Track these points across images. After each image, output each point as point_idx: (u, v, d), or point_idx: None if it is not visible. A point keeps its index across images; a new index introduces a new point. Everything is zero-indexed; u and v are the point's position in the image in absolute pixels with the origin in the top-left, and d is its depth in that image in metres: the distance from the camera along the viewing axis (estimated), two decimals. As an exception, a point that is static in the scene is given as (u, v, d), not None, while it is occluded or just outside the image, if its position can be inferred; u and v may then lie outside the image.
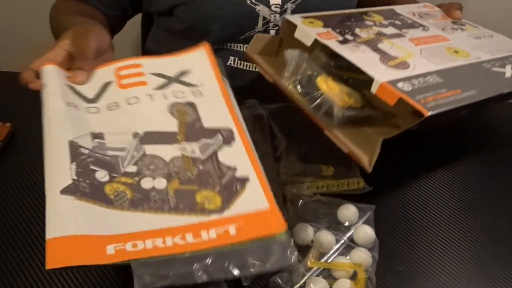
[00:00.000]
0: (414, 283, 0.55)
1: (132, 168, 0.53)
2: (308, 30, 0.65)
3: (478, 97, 0.57)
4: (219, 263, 0.48)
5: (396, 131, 0.57)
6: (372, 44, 0.64)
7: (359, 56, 0.61)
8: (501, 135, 0.77)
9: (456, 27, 0.76)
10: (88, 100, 0.60)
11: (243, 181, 0.53)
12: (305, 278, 0.53)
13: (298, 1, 0.77)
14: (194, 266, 0.47)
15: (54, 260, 0.45)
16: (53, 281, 0.51)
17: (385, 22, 0.72)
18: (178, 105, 0.59)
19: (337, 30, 0.66)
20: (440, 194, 0.66)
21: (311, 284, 0.52)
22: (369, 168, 0.56)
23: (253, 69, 0.83)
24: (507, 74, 0.64)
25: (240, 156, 0.55)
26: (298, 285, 0.52)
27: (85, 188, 0.50)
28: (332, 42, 0.63)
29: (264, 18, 0.77)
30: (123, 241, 0.47)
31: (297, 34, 0.65)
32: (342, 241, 0.56)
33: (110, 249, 0.47)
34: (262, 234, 0.49)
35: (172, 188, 0.52)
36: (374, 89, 0.56)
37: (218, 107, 0.60)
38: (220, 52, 0.82)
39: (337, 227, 0.58)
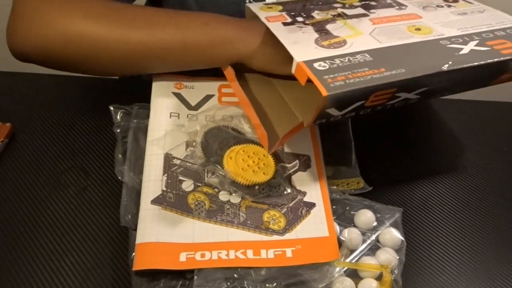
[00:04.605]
0: (413, 282, 0.55)
1: (215, 180, 0.58)
2: (261, 15, 0.64)
3: (404, 76, 0.52)
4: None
5: (312, 115, 0.54)
6: (320, 25, 0.62)
7: (293, 37, 0.59)
8: (501, 135, 0.77)
9: (443, 4, 0.72)
10: (190, 107, 0.65)
11: (310, 206, 0.57)
12: (332, 277, 0.52)
13: None
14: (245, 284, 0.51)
15: (138, 263, 0.51)
16: (53, 281, 0.51)
17: (357, 4, 0.69)
18: None
19: (292, 13, 0.65)
20: (440, 194, 0.66)
21: (337, 284, 0.51)
22: (269, 151, 0.57)
23: None
24: (464, 51, 0.58)
25: (312, 183, 0.60)
26: (324, 283, 0.51)
27: (171, 198, 0.56)
28: (276, 24, 0.61)
29: None
30: (194, 250, 0.52)
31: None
32: (369, 241, 0.56)
33: (183, 257, 0.52)
34: (317, 261, 0.53)
35: (245, 204, 0.57)
36: (293, 69, 0.54)
37: (302, 134, 0.63)
38: None
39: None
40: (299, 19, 0.63)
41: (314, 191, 0.59)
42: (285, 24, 0.62)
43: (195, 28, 0.62)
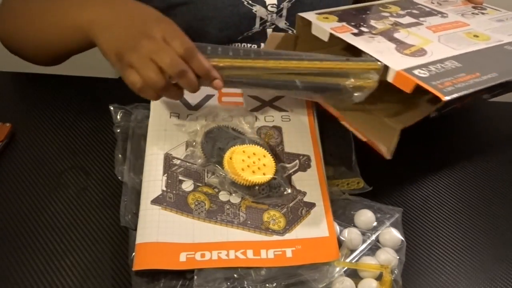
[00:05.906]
0: (413, 282, 0.55)
1: (215, 180, 0.58)
2: (324, 26, 0.65)
3: (499, 79, 0.57)
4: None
5: (415, 118, 0.57)
6: (387, 34, 0.64)
7: (374, 46, 0.61)
8: (501, 135, 0.77)
9: (476, 11, 0.76)
10: (190, 107, 0.66)
11: (310, 206, 0.58)
12: (332, 277, 0.52)
13: (293, 0, 0.77)
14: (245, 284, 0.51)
15: (138, 263, 0.51)
16: (53, 281, 0.51)
17: (402, 12, 0.72)
18: (265, 128, 0.64)
19: (352, 24, 0.66)
20: (440, 194, 0.66)
21: (337, 284, 0.51)
22: (388, 156, 0.58)
23: None
24: None
25: (312, 183, 0.60)
26: (324, 283, 0.51)
27: (171, 199, 0.56)
28: (347, 35, 0.63)
29: (261, 18, 0.77)
30: (194, 250, 0.52)
31: (313, 31, 0.66)
32: (369, 241, 0.56)
33: (183, 257, 0.52)
34: (317, 261, 0.53)
35: (245, 204, 0.57)
36: (390, 77, 0.56)
37: (302, 135, 0.64)
38: None
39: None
40: (364, 29, 0.65)
41: (314, 191, 0.58)
42: (355, 35, 0.64)
43: (70, 7, 0.64)
